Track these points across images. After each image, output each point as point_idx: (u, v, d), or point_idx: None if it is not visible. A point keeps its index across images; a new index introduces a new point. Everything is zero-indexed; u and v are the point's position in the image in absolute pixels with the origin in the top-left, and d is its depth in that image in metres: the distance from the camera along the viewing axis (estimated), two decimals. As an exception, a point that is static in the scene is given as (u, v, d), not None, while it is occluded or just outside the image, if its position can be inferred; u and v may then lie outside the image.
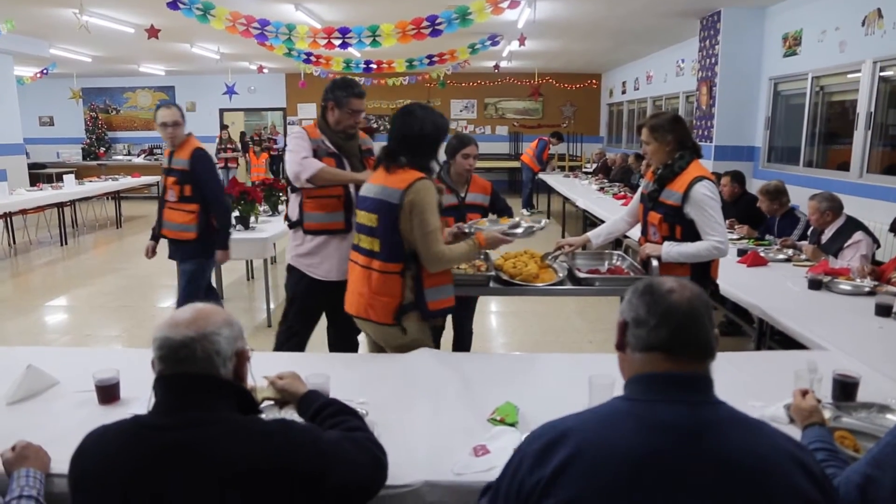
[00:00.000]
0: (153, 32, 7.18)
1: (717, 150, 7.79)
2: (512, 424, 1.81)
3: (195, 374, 1.32)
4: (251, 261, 6.77)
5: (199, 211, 3.94)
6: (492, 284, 3.07)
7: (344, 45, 6.33)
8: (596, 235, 3.37)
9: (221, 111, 15.84)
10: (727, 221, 5.40)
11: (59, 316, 5.89)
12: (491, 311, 5.77)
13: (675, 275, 2.91)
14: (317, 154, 3.10)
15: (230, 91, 12.45)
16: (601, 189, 8.84)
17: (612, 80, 14.88)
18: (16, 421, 1.90)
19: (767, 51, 7.40)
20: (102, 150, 15.89)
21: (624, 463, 1.06)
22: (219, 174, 4.27)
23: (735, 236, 4.96)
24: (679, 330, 1.17)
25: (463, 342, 3.91)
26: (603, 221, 6.27)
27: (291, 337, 3.25)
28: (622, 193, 8.03)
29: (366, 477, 1.39)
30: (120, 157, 15.70)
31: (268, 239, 5.03)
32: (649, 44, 10.73)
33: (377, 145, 3.18)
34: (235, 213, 5.28)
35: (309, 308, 3.29)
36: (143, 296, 6.40)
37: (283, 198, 5.83)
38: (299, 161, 3.04)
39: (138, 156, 15.76)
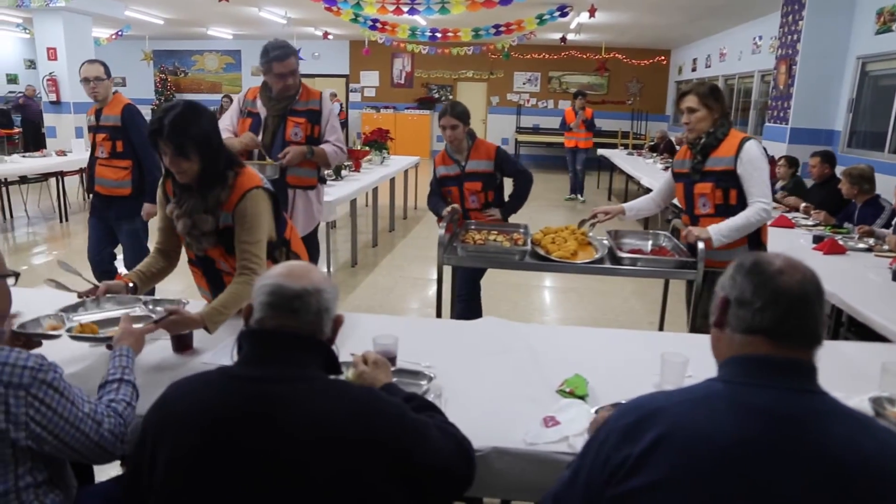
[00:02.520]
0: (224, -5, 7.27)
1: (793, 133, 7.44)
2: (581, 397, 1.78)
3: (298, 334, 1.30)
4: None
5: (132, 167, 4.00)
6: (527, 259, 3.01)
7: (412, 11, 6.28)
8: (630, 208, 3.31)
9: (285, 77, 16.01)
10: (802, 206, 5.20)
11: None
12: (546, 286, 5.72)
13: (732, 248, 2.83)
14: (241, 115, 3.43)
15: (295, 56, 12.56)
16: (667, 168, 8.59)
17: (682, 56, 14.37)
18: (94, 360, 1.96)
19: (857, 27, 6.98)
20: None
21: (717, 447, 1.02)
22: None
23: (811, 222, 4.75)
24: (787, 315, 1.09)
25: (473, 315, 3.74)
26: (673, 204, 6.10)
27: None
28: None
29: (451, 462, 1.32)
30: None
31: (333, 202, 5.06)
32: (725, 19, 10.27)
33: (415, 114, 3.22)
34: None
35: None
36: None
37: (347, 163, 5.87)
38: None
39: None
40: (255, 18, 11.44)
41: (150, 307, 2.04)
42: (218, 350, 2.03)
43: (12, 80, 15.82)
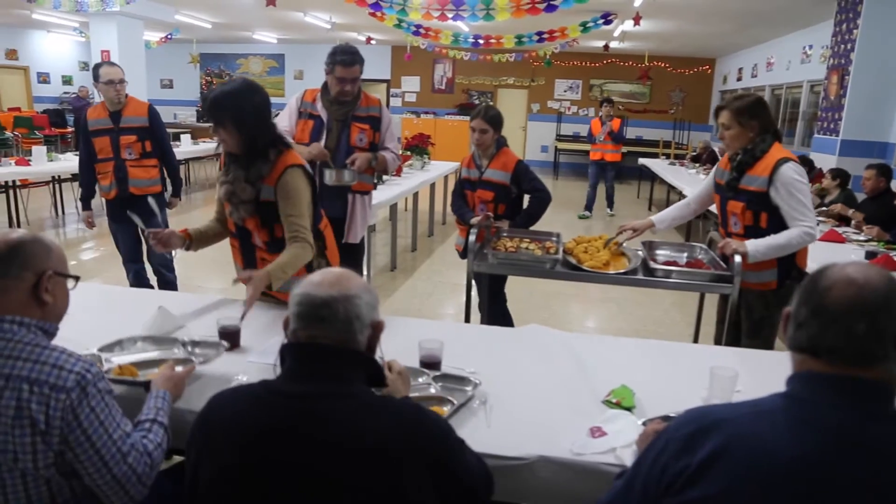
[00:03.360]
0: (271, 0, 7.39)
1: (844, 145, 7.23)
2: (628, 408, 1.75)
3: (329, 345, 1.28)
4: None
5: (158, 165, 4.14)
6: (558, 268, 2.97)
7: (457, 18, 6.29)
8: (661, 220, 3.21)
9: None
10: (852, 213, 5.05)
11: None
12: (583, 296, 5.66)
13: (760, 269, 2.75)
14: (300, 116, 3.40)
15: (338, 61, 12.72)
16: (710, 179, 8.43)
17: (728, 65, 14.12)
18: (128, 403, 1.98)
19: (914, 38, 6.77)
20: None
21: (779, 462, 0.99)
22: None
23: (863, 238, 4.61)
24: (824, 331, 1.05)
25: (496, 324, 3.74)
26: (714, 213, 5.98)
27: None
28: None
29: (478, 484, 1.34)
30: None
31: (374, 206, 5.08)
32: (774, 27, 10.06)
33: (455, 120, 3.17)
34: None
35: None
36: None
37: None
38: None
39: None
40: (300, 23, 11.62)
41: (189, 349, 2.00)
42: (263, 350, 2.05)
43: (67, 81, 16.39)
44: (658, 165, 10.23)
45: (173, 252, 2.63)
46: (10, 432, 1.26)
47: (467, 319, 3.22)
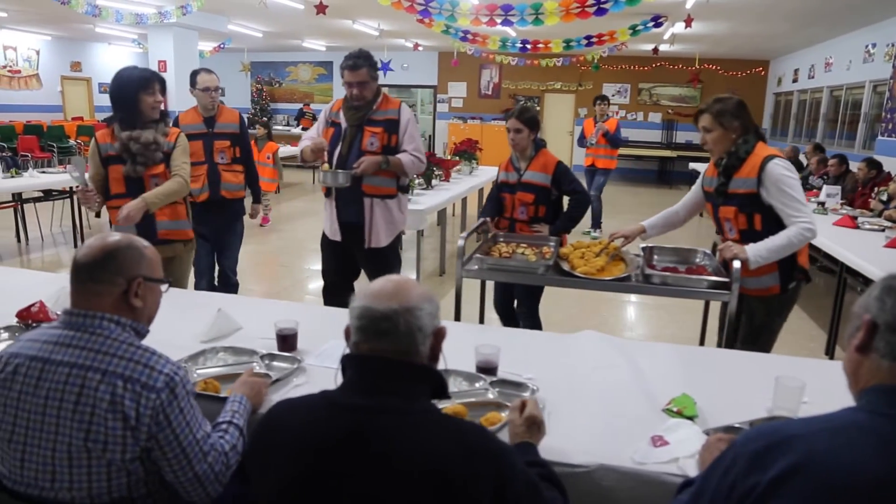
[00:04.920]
0: (321, 9, 7.53)
1: (909, 147, 6.96)
2: (690, 418, 1.70)
3: (391, 359, 1.25)
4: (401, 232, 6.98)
5: (244, 171, 4.25)
6: (549, 274, 2.91)
7: (506, 23, 6.29)
8: (652, 226, 3.12)
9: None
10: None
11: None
12: (634, 302, 5.56)
13: (760, 274, 2.66)
14: (327, 125, 3.50)
15: (385, 67, 12.82)
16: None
17: (783, 67, 13.73)
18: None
19: None
20: (265, 119, 17.02)
21: (862, 484, 0.93)
22: None
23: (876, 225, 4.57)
24: None
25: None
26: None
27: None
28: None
29: None
30: (279, 128, 16.75)
31: (423, 211, 5.13)
32: (834, 26, 9.74)
33: (502, 125, 3.19)
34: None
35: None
36: (299, 256, 6.80)
37: (437, 172, 5.93)
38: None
39: (297, 126, 16.75)
40: (349, 30, 11.79)
41: (267, 362, 2.02)
42: (320, 353, 2.08)
43: (125, 90, 17.00)
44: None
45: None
46: (103, 423, 1.32)
47: (481, 321, 3.17)
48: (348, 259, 3.62)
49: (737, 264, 2.58)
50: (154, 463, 1.39)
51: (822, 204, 5.96)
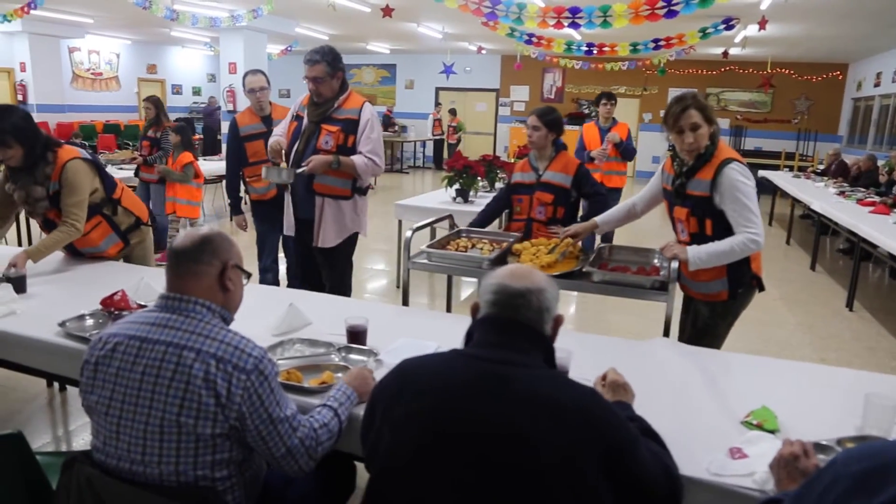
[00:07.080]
0: (388, 11, 7.61)
1: None
2: (771, 431, 1.64)
3: (525, 323, 1.38)
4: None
5: None
6: (485, 268, 2.85)
7: (574, 25, 6.21)
8: (605, 221, 3.06)
9: (437, 90, 16.55)
10: None
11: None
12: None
13: (709, 279, 2.58)
14: (293, 119, 3.47)
15: (448, 70, 12.92)
16: (841, 193, 7.85)
17: (863, 70, 13.12)
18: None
19: None
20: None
21: None
22: None
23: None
24: None
25: None
26: (853, 232, 5.56)
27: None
28: (869, 200, 7.01)
29: (656, 483, 1.31)
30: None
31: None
32: (920, 29, 9.25)
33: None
34: (456, 186, 5.43)
35: None
36: (362, 257, 6.89)
37: (501, 175, 5.91)
38: None
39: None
40: (413, 33, 11.90)
41: (343, 354, 2.06)
42: (392, 350, 2.10)
43: (196, 92, 17.78)
44: (780, 178, 9.64)
45: None
46: (197, 398, 1.38)
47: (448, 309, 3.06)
48: (307, 254, 3.62)
49: (675, 265, 2.52)
50: (241, 444, 1.46)
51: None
